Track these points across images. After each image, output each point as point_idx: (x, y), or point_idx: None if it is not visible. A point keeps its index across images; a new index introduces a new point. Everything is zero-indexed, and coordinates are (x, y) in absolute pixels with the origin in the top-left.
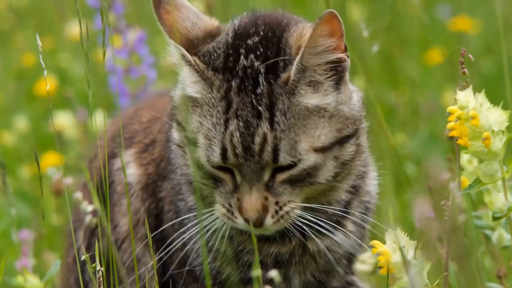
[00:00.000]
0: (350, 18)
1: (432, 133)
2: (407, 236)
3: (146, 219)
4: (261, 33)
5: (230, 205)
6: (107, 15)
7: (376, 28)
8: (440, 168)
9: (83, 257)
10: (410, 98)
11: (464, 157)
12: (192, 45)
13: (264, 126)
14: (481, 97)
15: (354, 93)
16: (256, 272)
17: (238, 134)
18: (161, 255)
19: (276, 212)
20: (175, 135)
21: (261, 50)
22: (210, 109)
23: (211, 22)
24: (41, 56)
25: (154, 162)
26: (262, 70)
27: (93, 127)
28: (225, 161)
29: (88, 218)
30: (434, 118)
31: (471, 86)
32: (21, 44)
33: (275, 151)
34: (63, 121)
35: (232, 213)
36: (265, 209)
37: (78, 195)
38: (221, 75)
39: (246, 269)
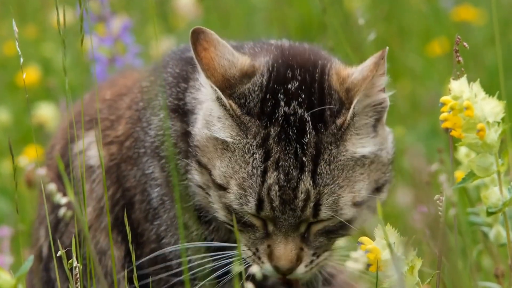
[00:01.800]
0: (348, 6)
1: (432, 127)
2: (397, 232)
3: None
4: (299, 78)
5: (257, 250)
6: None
7: (374, 17)
8: (422, 156)
9: (59, 253)
10: (410, 91)
11: (462, 151)
12: (228, 85)
13: (307, 181)
14: (476, 87)
15: (389, 135)
16: (237, 268)
17: (277, 188)
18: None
19: (311, 261)
20: (196, 177)
21: (303, 96)
22: (245, 156)
23: (246, 60)
24: (17, 43)
25: (118, 141)
26: (308, 118)
27: (71, 115)
28: (260, 212)
29: (62, 211)
30: (435, 112)
31: (465, 75)
32: (4, 33)
33: (317, 206)
34: (46, 112)
35: (259, 258)
36: (298, 259)
37: (52, 186)
38: (258, 121)
39: (228, 263)
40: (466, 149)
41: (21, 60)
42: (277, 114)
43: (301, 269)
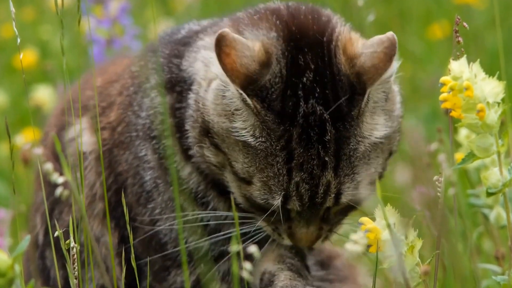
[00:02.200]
0: None
1: (433, 110)
2: (397, 213)
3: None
4: (312, 67)
5: (277, 227)
6: None
7: None
8: (420, 133)
9: (56, 233)
10: (411, 75)
11: (462, 133)
12: (251, 81)
13: (329, 175)
14: (476, 67)
15: (397, 96)
16: (235, 247)
17: (306, 186)
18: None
19: (327, 236)
20: (210, 154)
21: (318, 90)
22: (268, 158)
23: (258, 49)
24: (14, 23)
25: (110, 127)
26: (327, 117)
27: (65, 101)
28: (285, 206)
29: (59, 191)
30: (435, 95)
31: (465, 56)
32: (2, 16)
33: (337, 195)
34: (43, 95)
35: (280, 234)
36: (318, 237)
37: (48, 166)
38: (281, 123)
39: (227, 243)
40: (467, 131)
41: (18, 40)
42: (297, 115)
43: (318, 244)
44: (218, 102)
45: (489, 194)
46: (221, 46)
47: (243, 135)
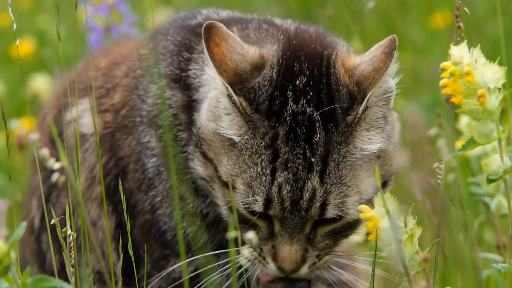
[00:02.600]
0: None
1: (434, 100)
2: (396, 200)
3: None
4: (307, 72)
5: (262, 250)
6: None
7: None
8: (419, 117)
9: (52, 221)
10: (412, 64)
11: (463, 121)
12: (240, 80)
13: (315, 180)
14: (477, 52)
15: (396, 123)
16: (232, 233)
17: (288, 187)
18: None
19: (314, 263)
20: (199, 168)
21: (311, 93)
22: (253, 157)
23: (254, 52)
24: (10, 9)
25: (113, 109)
26: (318, 118)
27: (64, 84)
28: (267, 211)
29: (55, 176)
30: (436, 85)
31: (465, 41)
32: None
33: (323, 205)
34: (40, 84)
35: (264, 258)
36: (303, 260)
37: (45, 151)
38: (267, 121)
39: (225, 235)
40: (467, 119)
41: (14, 26)
42: (285, 113)
43: (304, 270)
44: (210, 108)
45: (489, 181)
46: (210, 33)
47: (228, 134)
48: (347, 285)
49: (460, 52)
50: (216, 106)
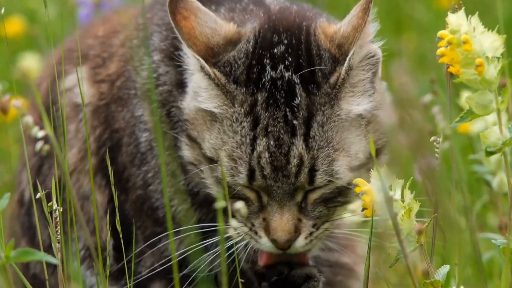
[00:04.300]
0: None
1: (440, 81)
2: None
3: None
4: (285, 41)
5: (253, 225)
6: None
7: None
8: (405, 73)
9: (38, 195)
10: (417, 45)
11: (464, 96)
12: (212, 53)
13: (300, 145)
14: (475, 20)
15: (386, 93)
16: (220, 203)
17: (267, 154)
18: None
19: (311, 233)
20: (187, 152)
21: (290, 59)
22: (233, 126)
23: (230, 27)
24: None
25: (109, 80)
26: (297, 80)
27: (52, 57)
28: (252, 182)
29: (39, 145)
30: (442, 66)
31: (463, 8)
32: None
33: (312, 171)
34: (30, 63)
35: (256, 233)
36: (297, 230)
37: (28, 119)
38: (245, 88)
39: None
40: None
41: (2, 10)
42: (263, 80)
43: (300, 242)
44: (192, 89)
45: (488, 153)
46: (177, 6)
47: (207, 107)
48: (344, 268)
49: (457, 20)
50: (198, 86)
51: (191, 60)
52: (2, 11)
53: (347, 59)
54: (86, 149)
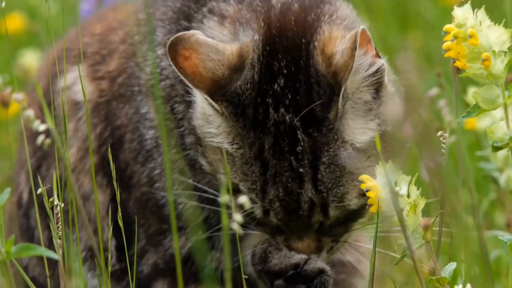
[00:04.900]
0: None
1: (447, 80)
2: (400, 171)
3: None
4: (285, 71)
5: (276, 242)
6: None
7: None
8: (411, 63)
9: (39, 190)
10: (423, 43)
11: (471, 92)
12: (219, 86)
13: (309, 190)
14: (481, 14)
15: (396, 97)
16: (224, 198)
17: (277, 203)
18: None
19: (332, 247)
20: (204, 164)
21: (290, 97)
22: (244, 168)
23: (233, 51)
24: None
25: (109, 76)
26: (298, 124)
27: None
28: (269, 221)
29: (40, 139)
30: (449, 64)
31: (469, 2)
32: None
33: (324, 208)
34: (31, 60)
35: (277, 244)
36: (318, 249)
37: (30, 112)
38: (252, 131)
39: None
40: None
41: (3, 3)
42: (268, 124)
43: (323, 256)
44: (201, 110)
45: (495, 149)
46: (177, 49)
47: (218, 141)
48: (347, 266)
49: (463, 14)
50: (205, 113)
51: (201, 100)
52: (3, 4)
53: (341, 93)
54: (86, 148)
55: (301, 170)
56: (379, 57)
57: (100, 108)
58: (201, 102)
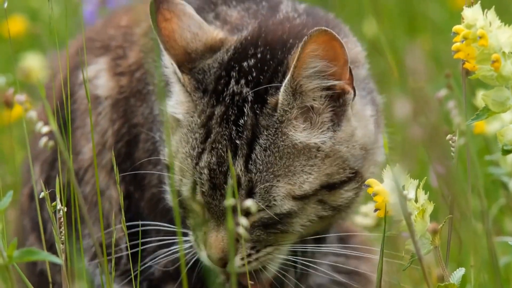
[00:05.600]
0: None
1: (454, 79)
2: (407, 174)
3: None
4: (259, 55)
5: (197, 236)
6: None
7: None
8: (419, 61)
9: (41, 194)
10: (432, 47)
11: (480, 95)
12: (189, 59)
13: (238, 166)
14: (491, 14)
15: (357, 130)
16: (229, 201)
17: (207, 171)
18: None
19: (250, 255)
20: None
21: (254, 74)
22: (188, 135)
23: (215, 34)
24: None
25: (129, 71)
26: (250, 98)
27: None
28: (194, 196)
29: (43, 141)
30: (457, 67)
31: (479, 2)
32: None
33: (248, 195)
34: (32, 63)
35: (198, 245)
36: (234, 250)
37: (32, 114)
38: (207, 99)
39: None
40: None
41: (5, 4)
42: (225, 93)
43: (237, 262)
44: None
45: (505, 152)
46: (160, 8)
47: (174, 112)
48: (362, 276)
49: (473, 15)
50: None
51: (168, 63)
52: (5, 4)
53: (284, 83)
54: (103, 143)
55: (237, 142)
56: (352, 87)
57: (119, 105)
58: (171, 74)
